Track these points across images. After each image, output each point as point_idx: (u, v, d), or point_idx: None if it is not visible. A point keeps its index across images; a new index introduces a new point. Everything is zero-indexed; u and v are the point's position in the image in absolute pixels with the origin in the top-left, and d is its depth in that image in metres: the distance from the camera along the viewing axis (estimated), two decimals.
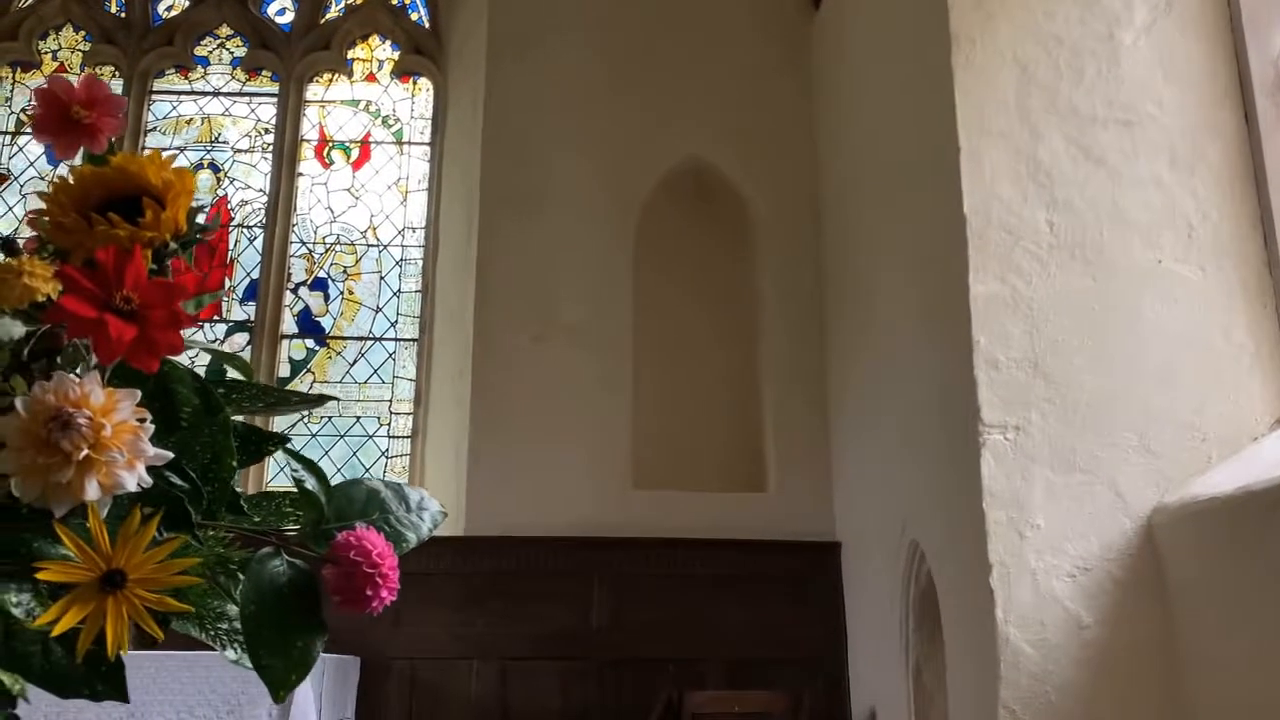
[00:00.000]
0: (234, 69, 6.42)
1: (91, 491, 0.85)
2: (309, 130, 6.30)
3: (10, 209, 6.13)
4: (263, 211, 6.12)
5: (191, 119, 6.32)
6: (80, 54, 6.40)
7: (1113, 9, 3.30)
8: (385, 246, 6.08)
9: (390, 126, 6.35)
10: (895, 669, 3.99)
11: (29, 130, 6.25)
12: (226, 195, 6.17)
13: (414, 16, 6.51)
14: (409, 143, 6.29)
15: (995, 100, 3.31)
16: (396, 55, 6.44)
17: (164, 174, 1.06)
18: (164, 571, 0.82)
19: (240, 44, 6.46)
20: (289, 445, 1.02)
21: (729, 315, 5.47)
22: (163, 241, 1.04)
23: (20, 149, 6.24)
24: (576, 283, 5.30)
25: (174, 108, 6.36)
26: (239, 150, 6.26)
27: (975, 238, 3.19)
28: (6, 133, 6.25)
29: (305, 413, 5.68)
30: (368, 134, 6.32)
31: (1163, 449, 2.98)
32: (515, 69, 5.58)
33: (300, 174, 6.19)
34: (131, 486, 0.87)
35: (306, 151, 6.25)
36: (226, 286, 6.00)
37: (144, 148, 6.22)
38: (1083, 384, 3.05)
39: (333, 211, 6.15)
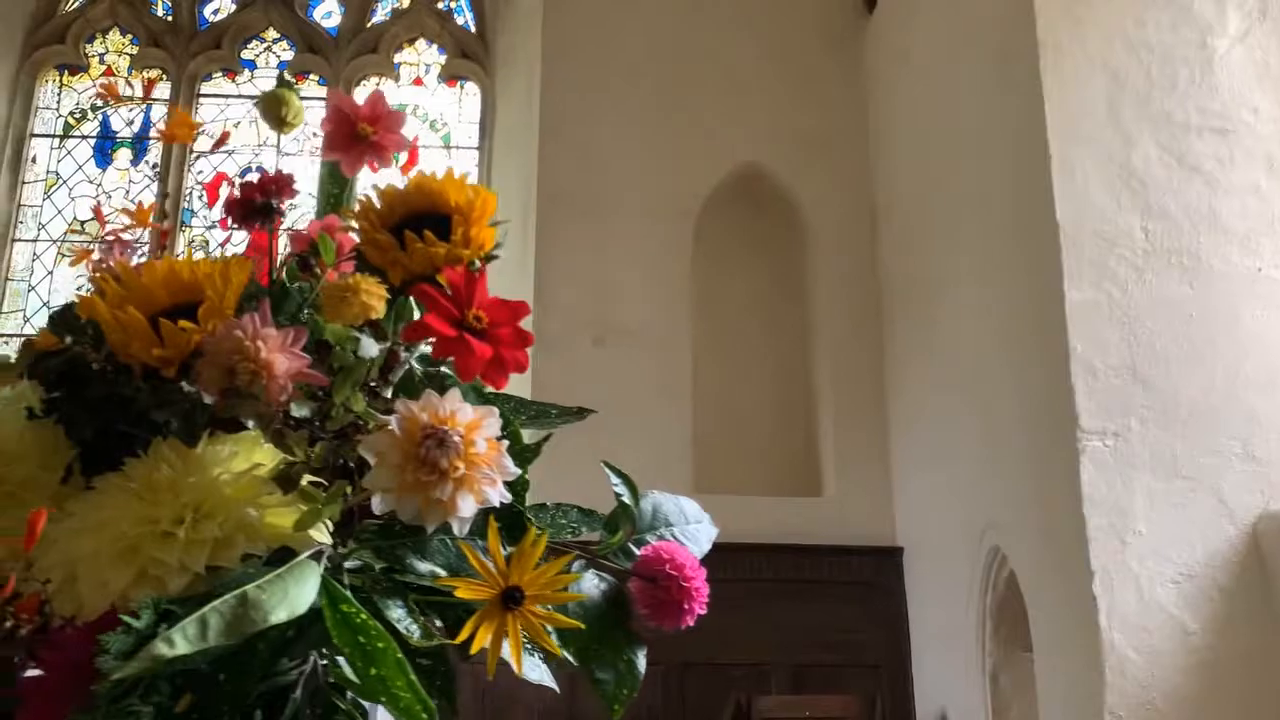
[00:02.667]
0: (281, 72, 6.43)
1: (466, 508, 0.86)
2: None
3: (60, 211, 6.14)
4: (309, 215, 6.11)
5: (239, 122, 6.33)
6: (128, 57, 6.40)
7: (1205, 17, 3.32)
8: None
9: (438, 130, 6.37)
10: (969, 673, 4.00)
11: (78, 133, 6.26)
12: None
13: (460, 21, 6.53)
14: (456, 146, 6.30)
15: (1086, 107, 3.32)
16: (443, 60, 6.45)
17: (464, 193, 1.07)
18: (552, 588, 0.83)
19: (287, 47, 6.47)
20: (607, 461, 1.03)
21: (785, 319, 5.49)
22: (470, 260, 1.05)
23: (69, 152, 6.24)
24: (635, 286, 5.30)
25: (222, 111, 6.37)
26: (287, 154, 6.26)
27: (1069, 244, 3.20)
28: (56, 135, 6.25)
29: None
30: (415, 138, 6.31)
31: (1267, 456, 2.99)
32: (571, 74, 5.59)
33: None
34: (495, 502, 0.88)
35: None
36: None
37: (191, 151, 6.23)
38: (1183, 391, 3.06)
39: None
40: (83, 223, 6.10)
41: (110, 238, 1.24)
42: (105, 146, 6.25)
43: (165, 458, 0.85)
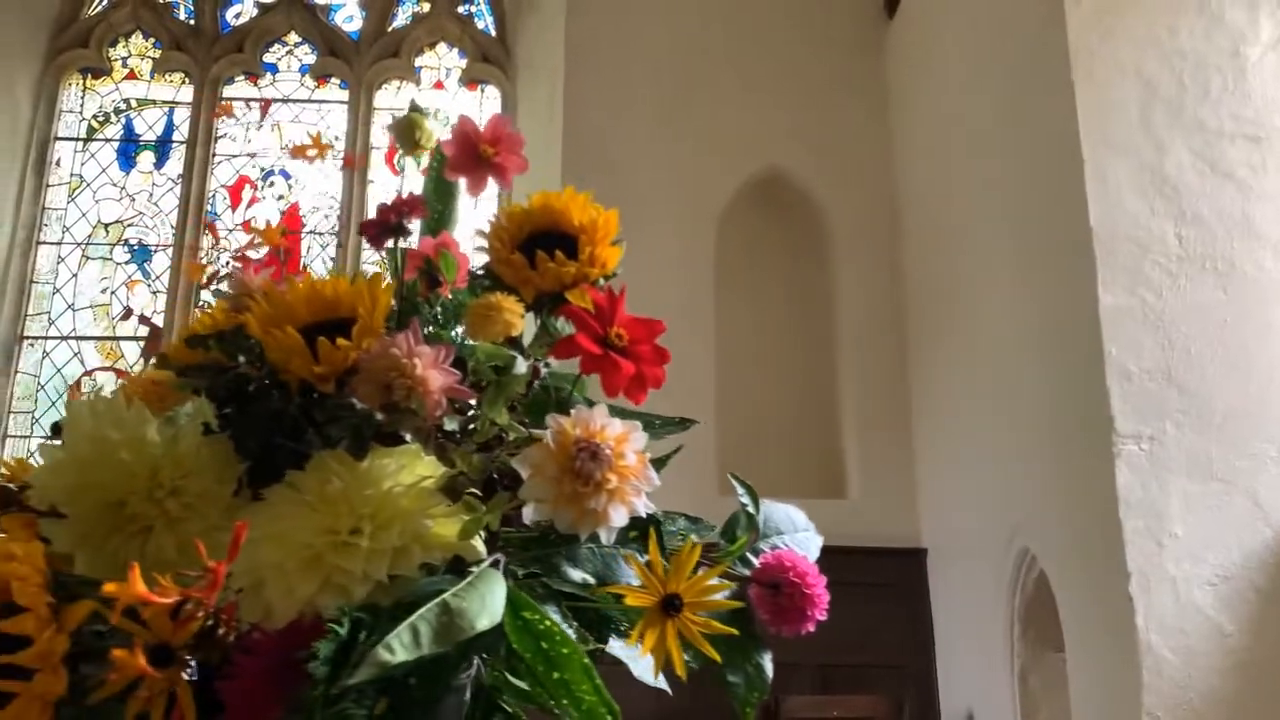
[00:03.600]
0: (303, 76, 6.47)
1: (618, 518, 0.91)
2: (378, 137, 6.35)
3: (84, 214, 6.18)
4: (334, 218, 6.17)
5: (261, 125, 6.37)
6: (150, 61, 6.44)
7: (1237, 25, 3.36)
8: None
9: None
10: (996, 674, 4.04)
11: (101, 137, 6.30)
12: (298, 202, 6.22)
13: (480, 25, 6.57)
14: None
15: (1118, 114, 3.36)
16: (464, 63, 6.48)
17: (587, 213, 1.11)
18: (706, 595, 0.87)
19: (309, 51, 6.51)
20: (733, 473, 1.07)
21: (808, 322, 5.53)
22: (596, 278, 1.09)
23: (92, 155, 6.29)
24: (657, 289, 5.33)
25: (244, 114, 6.40)
26: (309, 157, 6.29)
27: (1103, 250, 3.24)
28: (79, 139, 6.29)
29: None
30: (438, 141, 6.35)
31: None
32: (594, 80, 5.63)
33: (371, 181, 6.23)
34: (642, 512, 0.92)
35: (376, 159, 6.30)
36: None
37: (214, 154, 6.28)
38: (1217, 395, 3.10)
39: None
40: (107, 226, 6.14)
41: (239, 256, 1.28)
42: (129, 150, 6.29)
43: (335, 471, 0.88)
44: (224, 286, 1.11)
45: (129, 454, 0.85)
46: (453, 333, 1.16)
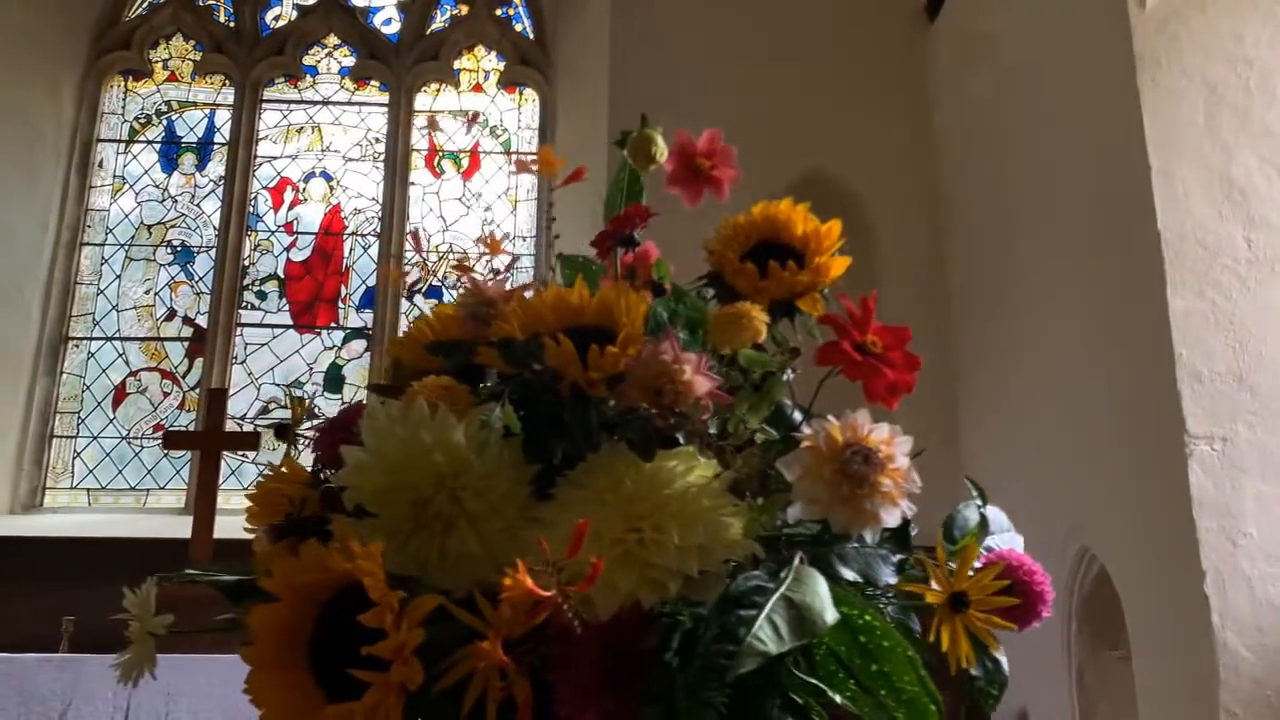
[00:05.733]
0: (343, 78, 6.51)
1: (891, 518, 0.95)
2: (418, 140, 6.39)
3: (127, 216, 6.22)
4: (375, 220, 6.21)
5: (302, 127, 6.41)
6: (191, 63, 6.48)
7: None
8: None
9: (498, 136, 6.44)
10: (1052, 672, 4.08)
11: (143, 139, 6.34)
12: (339, 204, 6.26)
13: (518, 28, 6.61)
14: (517, 152, 6.38)
15: (1185, 120, 3.40)
16: (502, 66, 6.52)
17: (810, 223, 1.16)
18: (988, 591, 0.91)
19: (348, 54, 6.55)
20: (969, 476, 1.11)
21: None
22: (822, 287, 1.14)
23: (134, 157, 6.33)
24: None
25: (284, 116, 6.45)
26: (350, 159, 6.34)
27: (1171, 254, 3.28)
28: (121, 141, 6.33)
29: None
30: (476, 144, 6.41)
31: None
32: (638, 86, 5.65)
33: (412, 183, 6.28)
34: (908, 514, 0.97)
35: (417, 161, 6.34)
36: (343, 294, 6.10)
37: (255, 156, 6.32)
38: None
39: (445, 220, 6.24)
40: (149, 227, 6.18)
41: (459, 266, 1.32)
42: (170, 152, 6.34)
43: (625, 471, 0.93)
44: (421, 293, 1.15)
45: (442, 456, 0.89)
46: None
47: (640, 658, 0.79)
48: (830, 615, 0.75)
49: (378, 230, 6.17)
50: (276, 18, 6.59)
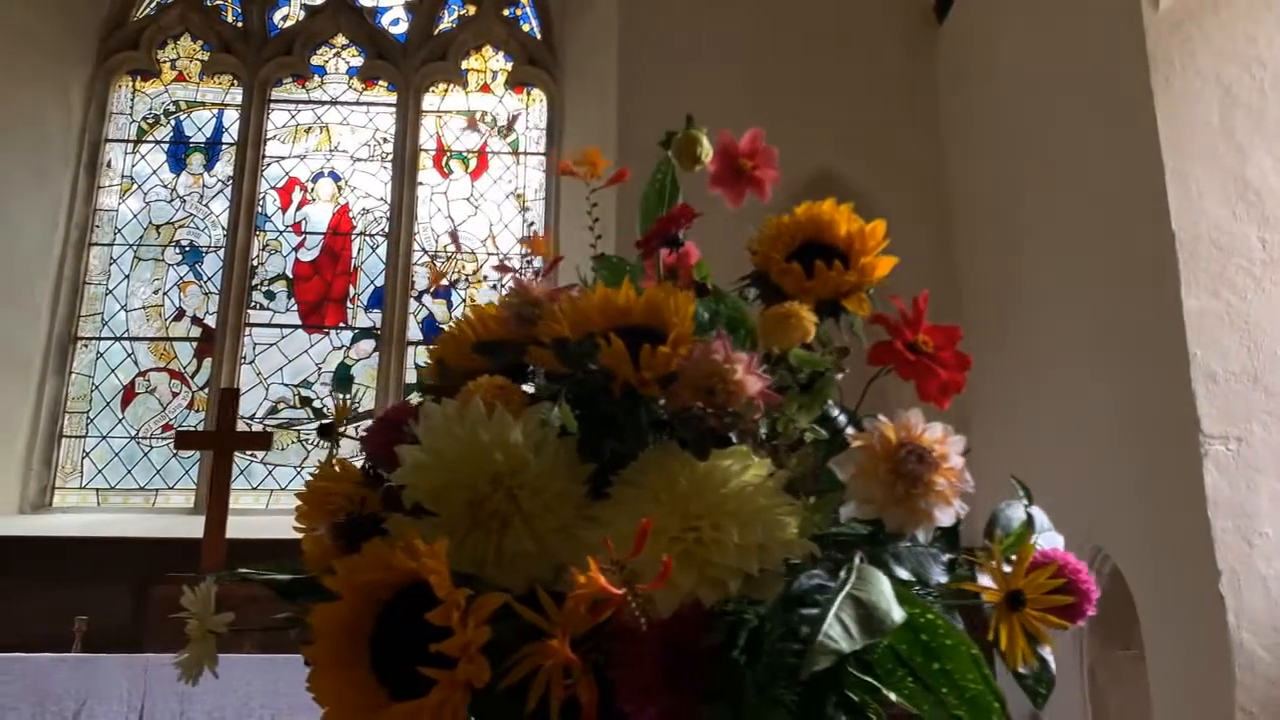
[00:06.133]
0: (350, 78, 6.51)
1: (945, 518, 0.95)
2: (426, 140, 6.40)
3: (135, 216, 6.22)
4: (384, 220, 6.21)
5: (310, 127, 6.42)
6: (199, 63, 6.49)
7: None
8: (505, 255, 6.18)
9: (506, 137, 6.45)
10: (1063, 670, 4.06)
11: (151, 139, 6.35)
12: (348, 204, 6.27)
13: (526, 28, 6.61)
14: (525, 153, 6.39)
15: (1199, 121, 3.41)
16: (509, 66, 6.53)
17: (855, 223, 1.16)
18: (1043, 590, 0.92)
19: (356, 54, 6.56)
20: (1015, 475, 1.12)
21: None
22: (868, 287, 1.14)
23: (142, 157, 6.33)
24: None
25: (292, 116, 6.45)
26: (358, 159, 6.35)
27: (1185, 254, 3.29)
28: (129, 141, 6.33)
29: None
30: (484, 144, 6.42)
31: None
32: (648, 86, 5.66)
33: (420, 183, 6.28)
34: (960, 514, 0.97)
35: (425, 161, 6.35)
36: (351, 294, 6.10)
37: (264, 156, 6.32)
38: None
39: (453, 220, 6.24)
40: (158, 227, 6.19)
41: (501, 266, 1.32)
42: (179, 151, 6.34)
43: (679, 470, 0.93)
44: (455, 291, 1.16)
45: (501, 455, 0.90)
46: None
47: (700, 656, 0.79)
48: (898, 614, 0.75)
49: (386, 230, 6.18)
50: (284, 18, 6.60)
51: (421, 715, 0.79)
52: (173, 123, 6.39)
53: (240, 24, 6.55)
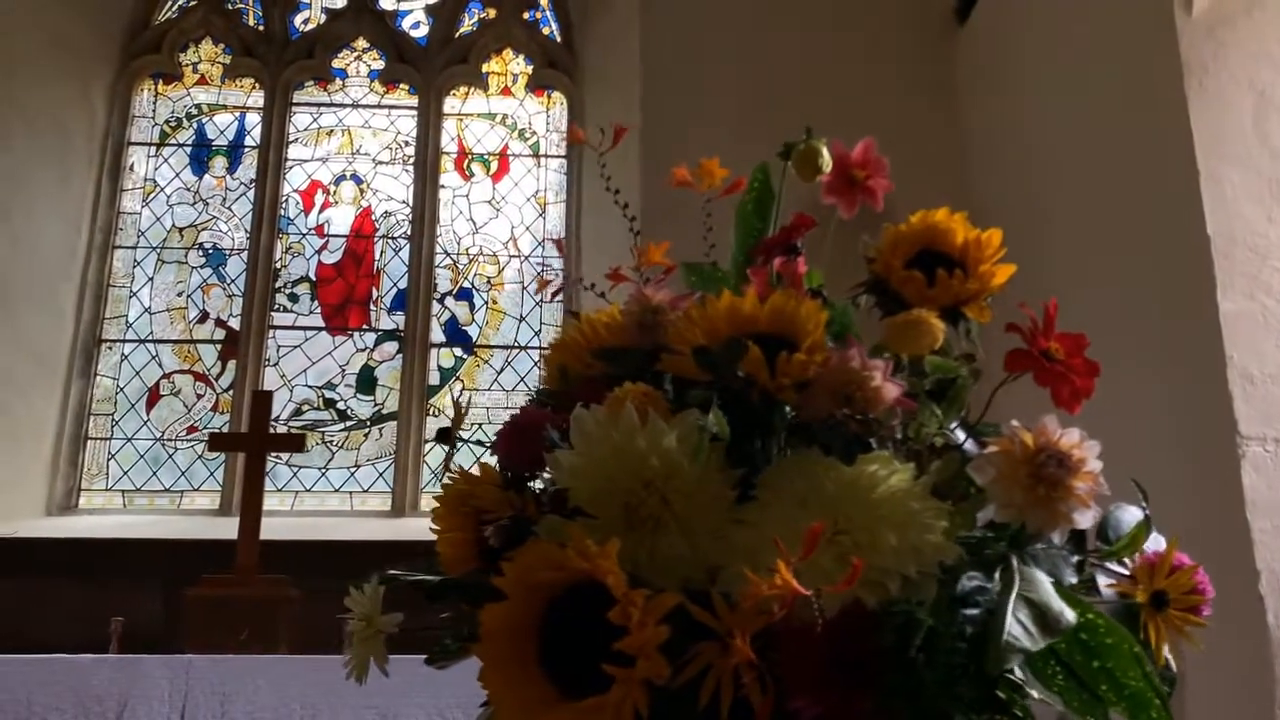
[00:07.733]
0: (372, 81, 6.54)
1: (1084, 520, 0.98)
2: (448, 143, 6.42)
3: (158, 219, 6.24)
4: (406, 223, 6.24)
5: (332, 130, 6.44)
6: (221, 66, 6.51)
7: None
8: (526, 258, 6.20)
9: (527, 139, 6.47)
10: None
11: (174, 142, 6.37)
12: (370, 206, 6.29)
13: (546, 31, 6.64)
14: (546, 155, 6.42)
15: (1232, 125, 3.44)
16: (530, 69, 6.55)
17: (971, 231, 1.19)
18: (1181, 591, 0.94)
19: (377, 57, 6.58)
20: (1134, 479, 1.14)
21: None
22: (987, 295, 1.16)
23: (165, 160, 6.35)
24: None
25: (314, 119, 6.48)
26: (380, 162, 6.37)
27: (1220, 257, 3.32)
28: (152, 144, 6.36)
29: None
30: (505, 146, 6.44)
31: None
32: (669, 88, 5.68)
33: (442, 186, 6.31)
34: (1098, 517, 1.00)
35: (446, 164, 6.37)
36: (374, 296, 6.13)
37: (286, 159, 6.34)
38: None
39: (474, 223, 6.26)
40: (181, 230, 6.21)
41: (612, 274, 1.34)
42: (201, 154, 6.36)
43: (824, 475, 0.96)
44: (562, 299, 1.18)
45: (657, 460, 0.92)
46: None
47: (870, 655, 0.82)
48: (1070, 615, 0.78)
49: (408, 233, 6.20)
50: (305, 21, 6.62)
51: (604, 712, 0.81)
52: (195, 126, 6.41)
53: (261, 27, 6.57)
